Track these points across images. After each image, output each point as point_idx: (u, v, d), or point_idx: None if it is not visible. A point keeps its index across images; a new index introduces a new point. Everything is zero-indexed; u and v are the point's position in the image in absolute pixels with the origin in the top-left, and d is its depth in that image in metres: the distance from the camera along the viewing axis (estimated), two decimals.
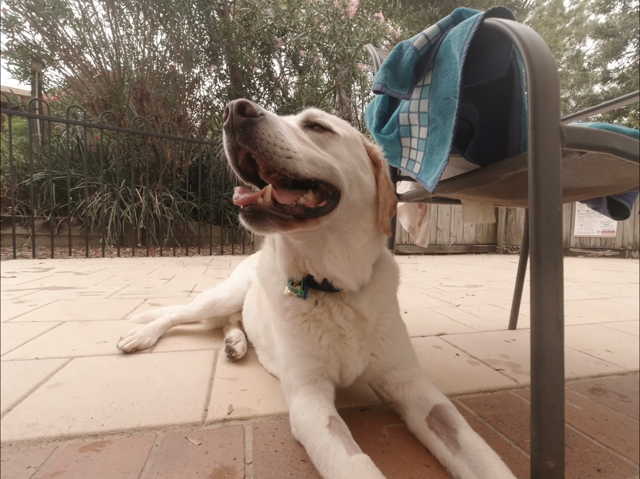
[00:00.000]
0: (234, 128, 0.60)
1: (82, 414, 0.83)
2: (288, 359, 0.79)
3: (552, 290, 0.61)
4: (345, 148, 0.74)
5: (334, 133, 0.73)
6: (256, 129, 0.59)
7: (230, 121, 0.60)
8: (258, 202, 0.61)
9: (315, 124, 0.73)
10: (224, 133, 0.62)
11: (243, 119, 0.59)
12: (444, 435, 0.68)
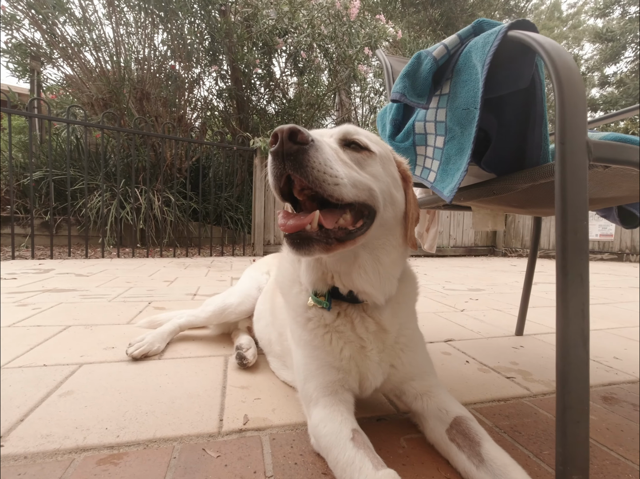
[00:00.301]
0: (284, 156, 0.59)
1: (97, 425, 0.82)
2: (308, 370, 0.78)
3: (579, 306, 0.61)
4: (381, 167, 0.74)
5: (371, 153, 0.73)
6: (307, 158, 0.59)
7: (280, 147, 0.59)
8: (306, 229, 0.61)
9: (352, 142, 0.72)
10: (270, 158, 0.61)
11: (295, 147, 0.58)
12: (466, 448, 0.68)
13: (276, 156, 0.60)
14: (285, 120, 7.96)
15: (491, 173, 0.99)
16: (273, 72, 7.68)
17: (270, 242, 5.54)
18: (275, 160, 0.60)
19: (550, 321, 1.87)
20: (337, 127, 0.76)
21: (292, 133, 0.58)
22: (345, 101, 9.58)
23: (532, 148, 0.84)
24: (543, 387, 1.08)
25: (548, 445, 0.79)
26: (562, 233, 0.61)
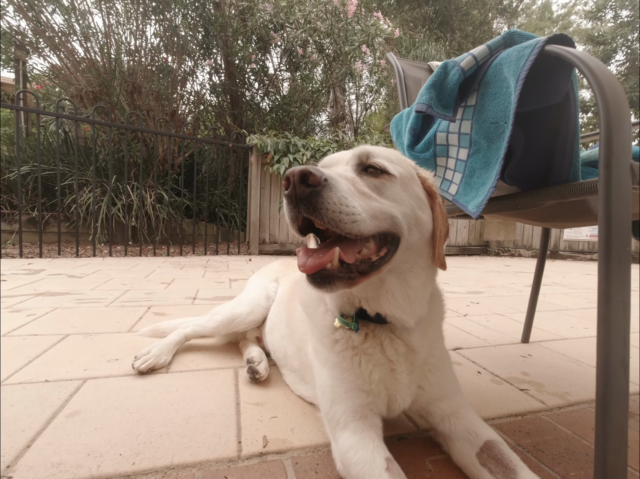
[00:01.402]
0: (298, 200, 0.58)
1: (110, 451, 0.78)
2: (335, 393, 0.75)
3: (621, 333, 0.59)
4: (402, 189, 0.71)
5: (390, 176, 0.70)
6: (320, 200, 0.57)
7: (292, 191, 0.57)
8: (327, 268, 0.59)
9: (369, 166, 0.70)
10: (285, 202, 0.60)
11: (307, 190, 0.57)
12: (499, 474, 0.66)
13: (290, 200, 0.58)
14: (279, 116, 7.87)
15: (512, 186, 0.97)
16: (267, 67, 7.57)
17: (266, 241, 5.49)
18: (289, 204, 0.59)
19: (553, 327, 1.88)
20: (353, 150, 0.73)
21: (303, 176, 0.56)
22: (340, 98, 9.51)
23: (561, 164, 0.82)
24: (558, 400, 1.08)
25: (573, 466, 0.79)
26: (606, 261, 0.60)
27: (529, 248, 6.32)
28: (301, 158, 5.12)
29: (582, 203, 0.87)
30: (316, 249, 0.62)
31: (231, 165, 5.96)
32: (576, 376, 1.26)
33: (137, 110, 6.07)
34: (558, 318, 2.07)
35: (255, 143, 5.10)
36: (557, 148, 0.84)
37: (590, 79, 0.63)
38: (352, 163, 0.70)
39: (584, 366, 1.35)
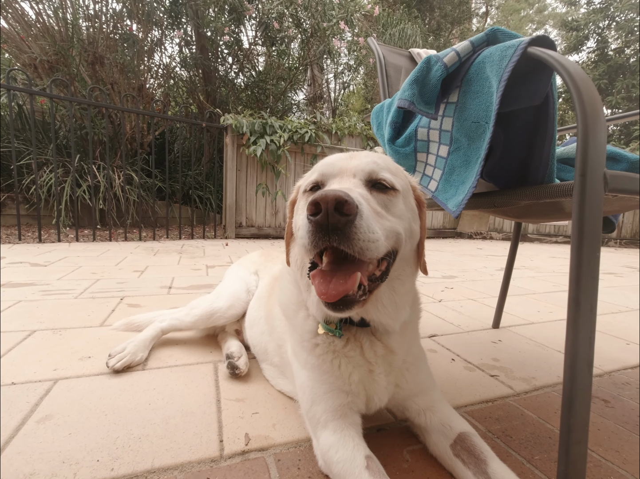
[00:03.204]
0: (330, 229, 0.54)
1: (86, 457, 0.76)
2: (315, 393, 0.76)
3: (587, 334, 0.63)
4: (404, 203, 0.71)
5: (396, 192, 0.69)
6: (354, 230, 0.55)
7: (324, 220, 0.54)
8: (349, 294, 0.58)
9: (378, 182, 0.68)
10: (309, 227, 0.56)
11: (343, 220, 0.54)
12: (471, 465, 0.70)
13: (320, 228, 0.55)
14: (254, 93, 7.58)
15: (489, 183, 0.99)
16: (242, 41, 7.20)
17: (243, 224, 5.39)
18: (318, 231, 0.55)
19: (521, 312, 1.99)
20: (357, 159, 0.70)
21: (338, 204, 0.53)
22: (317, 76, 9.25)
23: (537, 165, 0.84)
24: (524, 385, 1.15)
25: (537, 449, 0.85)
26: (576, 265, 0.62)
27: (500, 231, 6.58)
28: (278, 140, 4.99)
29: (555, 203, 0.89)
30: (332, 273, 0.60)
31: (205, 145, 5.72)
32: (541, 360, 1.34)
33: (100, 83, 5.65)
34: (526, 302, 2.19)
35: (230, 124, 4.90)
36: (535, 148, 0.85)
37: (570, 86, 0.63)
38: (361, 178, 0.68)
39: (549, 350, 1.45)
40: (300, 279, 0.79)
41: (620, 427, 0.95)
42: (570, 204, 0.89)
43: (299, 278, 0.80)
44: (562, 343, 1.53)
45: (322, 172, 0.71)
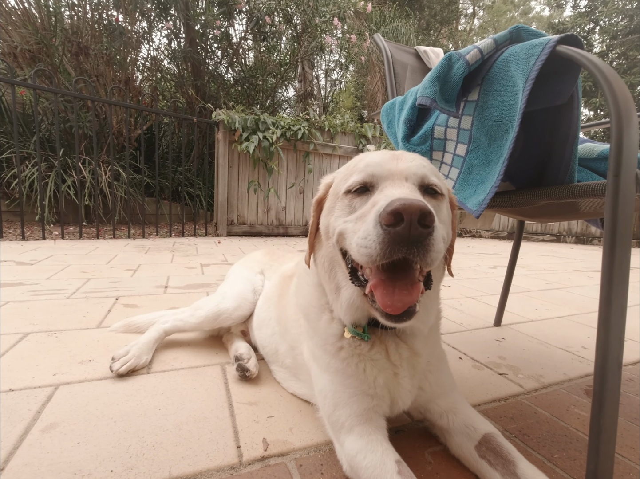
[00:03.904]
0: (411, 241, 0.52)
1: (98, 467, 0.72)
2: (339, 397, 0.75)
3: (618, 334, 0.63)
4: (446, 209, 0.70)
5: (443, 197, 0.68)
6: (432, 242, 0.53)
7: (407, 231, 0.52)
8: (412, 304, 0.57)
9: (429, 187, 0.67)
10: (384, 236, 0.54)
11: (425, 232, 0.52)
12: (499, 466, 0.70)
13: (400, 239, 0.53)
14: (244, 89, 7.46)
15: (506, 183, 0.99)
16: (231, 35, 7.07)
17: (234, 222, 5.32)
18: (397, 243, 0.53)
19: (519, 309, 2.02)
20: (405, 161, 0.68)
21: (422, 217, 0.51)
22: (308, 73, 9.18)
23: (558, 165, 0.84)
24: (534, 383, 1.16)
25: (556, 448, 0.85)
26: (609, 266, 0.62)
27: (489, 229, 6.70)
28: (271, 136, 4.93)
29: (573, 203, 0.90)
30: (393, 283, 0.58)
31: (195, 141, 5.61)
32: (546, 358, 1.36)
33: (84, 75, 5.45)
34: (522, 300, 2.23)
35: (222, 119, 4.81)
36: (555, 148, 0.85)
37: (604, 85, 0.63)
38: (414, 182, 0.66)
39: (551, 347, 1.47)
40: (328, 282, 0.76)
41: (631, 424, 0.96)
42: (587, 204, 0.90)
43: (326, 281, 0.77)
44: (563, 340, 1.56)
45: (372, 173, 0.67)
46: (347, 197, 0.69)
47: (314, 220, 0.78)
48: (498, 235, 6.45)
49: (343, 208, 0.69)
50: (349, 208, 0.68)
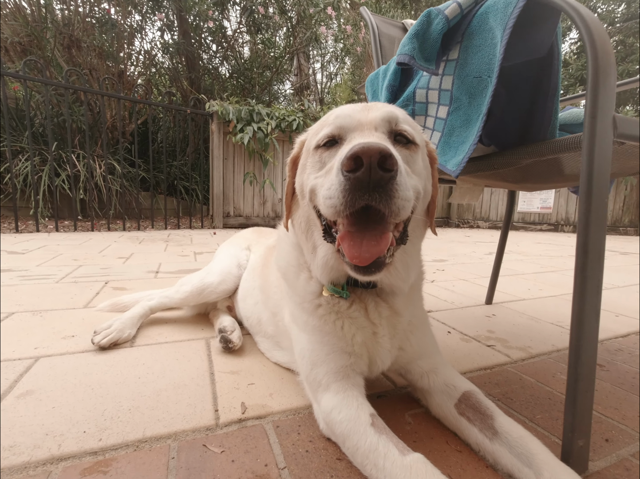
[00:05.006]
0: (372, 187, 0.50)
1: (71, 429, 0.71)
2: (317, 355, 0.73)
3: (595, 282, 0.62)
4: (422, 160, 0.68)
5: (416, 146, 0.66)
6: (395, 187, 0.51)
7: (366, 176, 0.49)
8: (380, 256, 0.55)
9: (398, 134, 0.64)
10: (345, 184, 0.51)
11: (387, 176, 0.50)
12: (477, 421, 0.69)
13: (360, 185, 0.50)
14: (240, 83, 7.41)
15: (489, 147, 0.97)
16: (226, 27, 7.01)
17: (230, 214, 5.30)
18: (357, 189, 0.51)
19: (512, 290, 2.01)
20: (375, 110, 0.65)
21: (383, 159, 0.49)
22: (304, 65, 9.12)
23: (540, 121, 0.82)
24: (521, 353, 1.15)
25: (539, 409, 0.84)
26: (585, 211, 0.61)
27: (487, 220, 6.68)
28: (266, 127, 4.90)
29: (556, 163, 0.88)
30: (362, 235, 0.56)
31: (190, 135, 5.57)
32: (535, 331, 1.35)
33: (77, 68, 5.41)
34: (516, 282, 2.22)
35: (216, 110, 4.78)
36: (537, 105, 0.83)
37: (581, 27, 0.61)
38: (383, 131, 0.63)
39: (542, 322, 1.46)
40: (305, 242, 0.75)
41: (616, 388, 0.95)
42: (571, 164, 0.88)
43: (304, 241, 0.75)
44: (554, 316, 1.55)
45: (340, 125, 0.65)
46: (317, 152, 0.68)
47: (289, 180, 0.77)
48: (495, 225, 6.43)
49: (314, 164, 0.67)
50: (319, 163, 0.66)
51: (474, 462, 0.67)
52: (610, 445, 0.72)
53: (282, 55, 7.30)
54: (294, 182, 0.76)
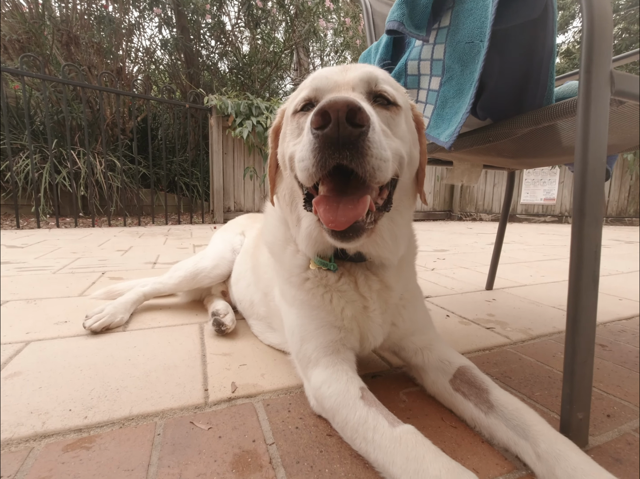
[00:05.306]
0: (341, 143, 0.47)
1: (57, 408, 0.70)
2: (305, 330, 0.71)
3: (592, 247, 0.59)
4: (405, 123, 0.64)
5: (398, 108, 0.62)
6: (367, 144, 0.48)
7: (334, 132, 0.46)
8: (359, 220, 0.52)
9: (379, 95, 0.61)
10: (315, 142, 0.49)
11: (356, 132, 0.47)
12: (472, 396, 0.66)
13: (328, 143, 0.47)
14: (239, 79, 7.38)
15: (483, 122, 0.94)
16: (224, 23, 6.97)
17: (231, 209, 5.29)
18: (326, 147, 0.48)
19: (513, 276, 1.97)
20: (354, 71, 0.62)
21: (352, 113, 0.46)
22: (303, 60, 9.06)
23: (535, 87, 0.79)
24: (521, 335, 1.12)
25: (538, 387, 0.82)
26: (581, 172, 0.58)
27: (489, 212, 6.62)
28: (265, 121, 4.87)
29: (553, 132, 0.85)
30: (338, 198, 0.53)
31: (190, 131, 5.56)
32: (536, 314, 1.32)
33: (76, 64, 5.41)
34: (518, 269, 2.18)
35: (214, 104, 4.76)
36: (532, 71, 0.80)
37: None
38: (361, 90, 0.60)
39: (543, 306, 1.43)
40: (289, 214, 0.73)
41: (619, 366, 0.93)
42: (569, 135, 0.85)
43: (288, 214, 0.73)
44: (556, 300, 1.52)
45: (315, 87, 0.62)
46: (294, 118, 0.65)
47: (272, 152, 0.74)
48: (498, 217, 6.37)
49: (292, 131, 0.65)
50: (297, 129, 0.64)
51: (469, 437, 0.65)
52: (612, 420, 0.70)
53: (281, 50, 7.26)
54: (276, 153, 0.73)
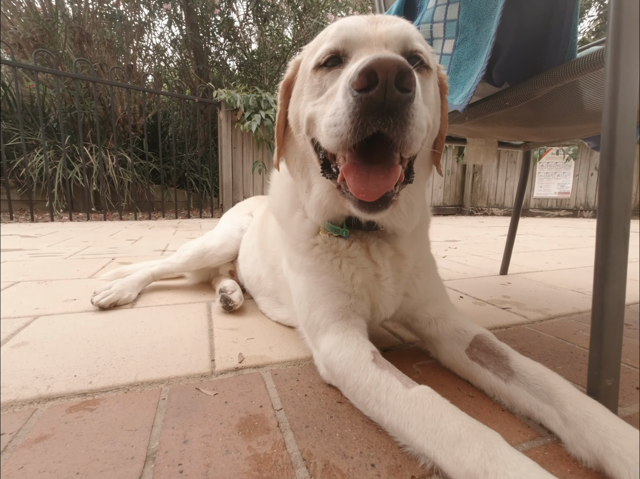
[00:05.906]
0: (386, 110, 0.43)
1: (62, 373, 0.69)
2: (314, 297, 0.68)
3: (622, 206, 0.55)
4: (433, 88, 0.59)
5: (429, 71, 0.57)
6: (412, 112, 0.44)
7: (381, 96, 0.42)
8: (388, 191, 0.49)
9: (412, 55, 0.55)
10: (355, 106, 0.44)
11: (404, 97, 0.42)
12: (491, 364, 0.63)
13: (372, 108, 0.43)
14: (249, 75, 7.39)
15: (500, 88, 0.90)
16: (233, 20, 6.98)
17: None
18: (369, 112, 0.43)
19: (529, 263, 1.91)
20: (385, 24, 0.56)
21: (400, 74, 0.41)
22: None
23: (556, 44, 0.75)
24: (539, 314, 1.08)
25: (560, 361, 0.78)
26: (610, 126, 0.54)
27: (502, 207, 6.49)
28: (274, 115, 4.86)
29: (575, 93, 0.81)
30: (368, 167, 0.50)
31: (199, 128, 5.58)
32: (554, 297, 1.27)
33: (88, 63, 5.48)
34: (533, 257, 2.12)
35: (223, 98, 4.76)
36: (552, 26, 0.76)
37: None
38: (395, 49, 0.54)
39: (561, 289, 1.37)
40: (300, 180, 0.68)
41: None
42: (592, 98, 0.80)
43: (299, 179, 0.69)
44: (573, 284, 1.46)
45: (344, 38, 0.55)
46: (316, 75, 0.59)
47: (281, 109, 0.69)
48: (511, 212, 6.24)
49: (312, 89, 0.59)
50: (319, 88, 0.58)
51: (488, 406, 0.61)
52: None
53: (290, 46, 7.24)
54: (286, 112, 0.68)
